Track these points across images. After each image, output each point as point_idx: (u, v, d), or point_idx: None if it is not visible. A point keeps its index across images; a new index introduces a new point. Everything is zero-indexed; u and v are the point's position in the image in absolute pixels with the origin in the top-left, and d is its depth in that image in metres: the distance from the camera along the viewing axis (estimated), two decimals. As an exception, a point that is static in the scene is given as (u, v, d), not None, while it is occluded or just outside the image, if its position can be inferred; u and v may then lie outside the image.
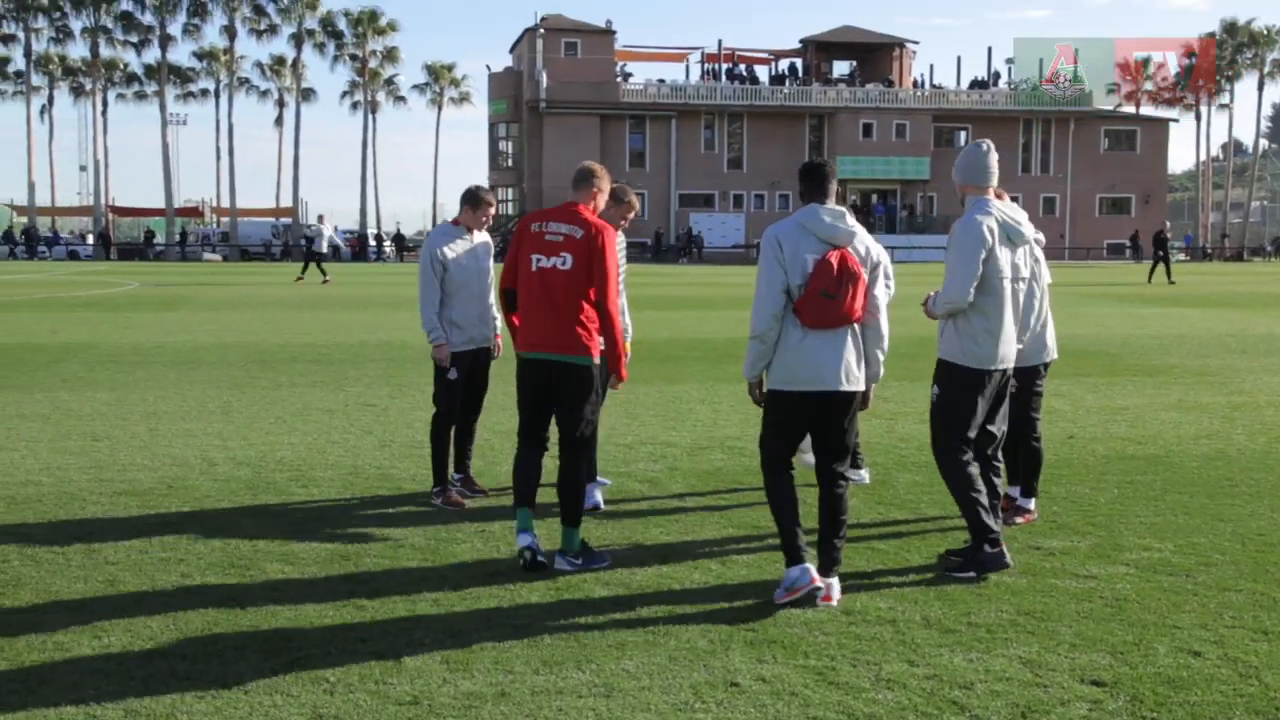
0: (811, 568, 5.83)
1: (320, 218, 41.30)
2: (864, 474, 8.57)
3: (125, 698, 4.65)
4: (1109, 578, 6.31)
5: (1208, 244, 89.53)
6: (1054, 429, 10.92)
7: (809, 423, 6.01)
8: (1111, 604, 5.87)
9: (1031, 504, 7.61)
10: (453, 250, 7.82)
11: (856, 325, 5.92)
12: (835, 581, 5.93)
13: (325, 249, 39.85)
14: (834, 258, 5.79)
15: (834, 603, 5.81)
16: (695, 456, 9.61)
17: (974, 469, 6.46)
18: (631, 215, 7.75)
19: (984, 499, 6.39)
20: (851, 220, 5.90)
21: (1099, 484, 8.65)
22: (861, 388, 6.00)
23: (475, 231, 7.95)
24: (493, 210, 8.01)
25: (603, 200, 6.71)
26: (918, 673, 4.95)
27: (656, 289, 35.52)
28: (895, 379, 13.96)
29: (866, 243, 5.99)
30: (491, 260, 8.12)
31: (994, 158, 6.50)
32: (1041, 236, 6.95)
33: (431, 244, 7.89)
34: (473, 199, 7.89)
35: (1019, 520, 7.49)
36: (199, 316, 24.46)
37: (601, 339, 6.49)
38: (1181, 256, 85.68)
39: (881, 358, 6.08)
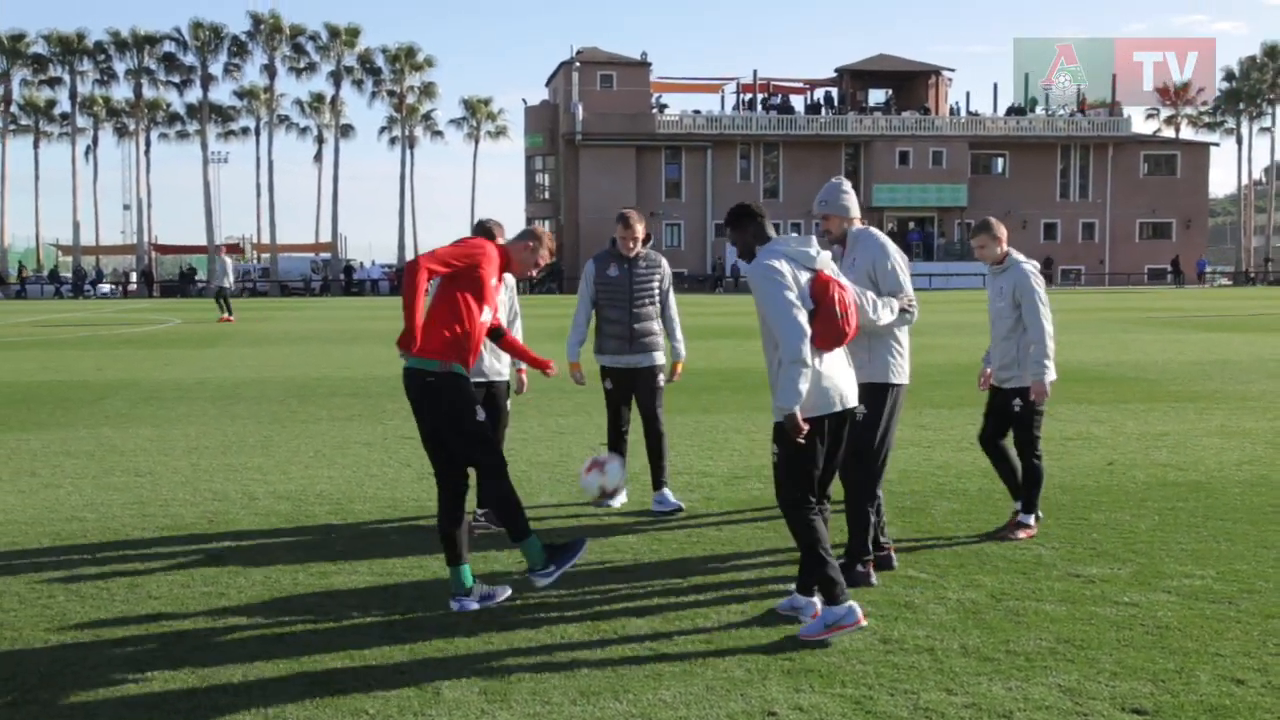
0: (857, 606, 5.78)
1: (222, 250, 40.04)
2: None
3: (167, 730, 4.71)
4: (1150, 605, 6.26)
5: (1251, 268, 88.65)
6: (1093, 455, 10.86)
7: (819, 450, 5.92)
8: (1153, 631, 5.82)
9: (1032, 520, 7.82)
10: None
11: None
12: (818, 600, 5.99)
13: (229, 284, 37.39)
14: (827, 278, 5.84)
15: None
16: (732, 486, 9.61)
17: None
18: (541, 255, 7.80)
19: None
20: (817, 245, 5.98)
21: (1140, 511, 8.58)
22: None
23: None
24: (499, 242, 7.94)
25: (534, 260, 6.53)
26: (956, 701, 4.93)
27: (693, 319, 35.54)
28: (932, 406, 13.91)
29: (831, 264, 6.06)
30: (510, 294, 8.19)
31: None
32: None
33: None
34: (480, 231, 7.87)
35: (1020, 535, 7.71)
36: (239, 352, 24.70)
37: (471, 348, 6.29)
38: (1224, 281, 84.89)
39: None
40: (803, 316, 5.68)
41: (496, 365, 8.09)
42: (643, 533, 8.05)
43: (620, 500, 8.75)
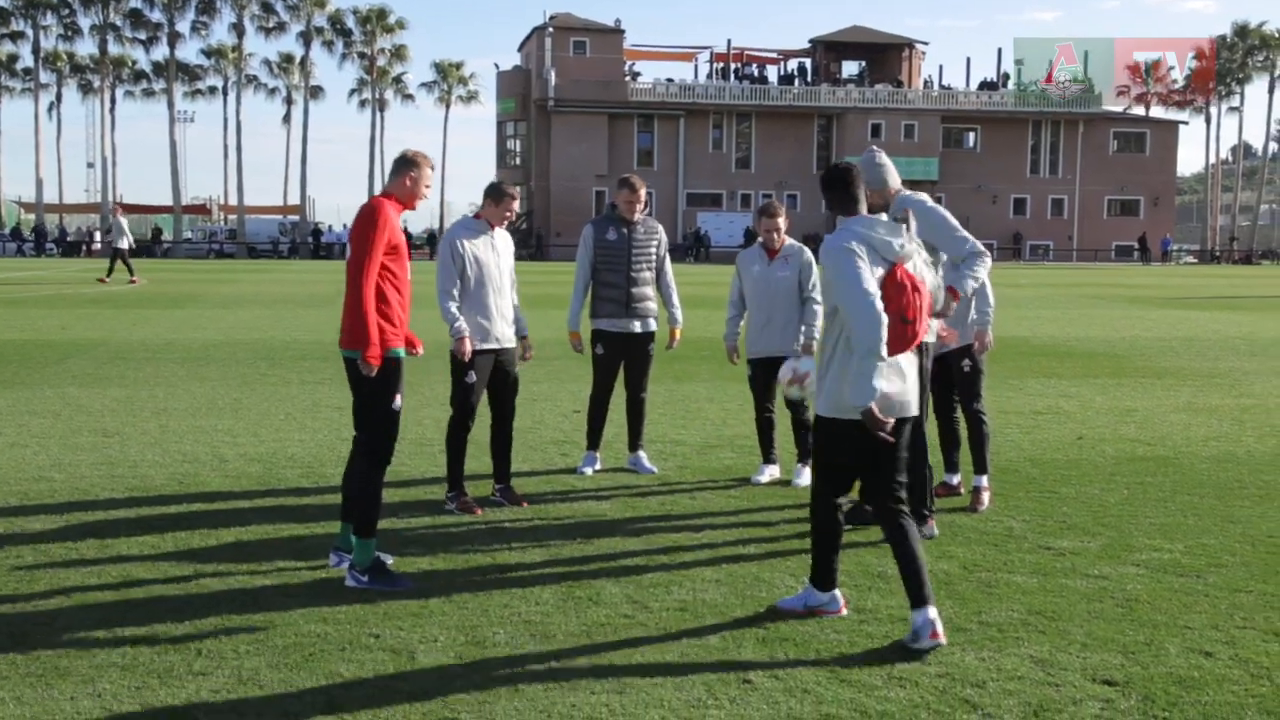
0: (840, 595, 5.70)
1: (116, 210, 38.47)
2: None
3: (142, 692, 4.68)
4: (1120, 578, 6.32)
5: (1216, 247, 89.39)
6: (1063, 429, 10.95)
7: (866, 453, 5.45)
8: (1122, 604, 5.88)
9: (985, 480, 7.96)
10: (472, 244, 7.66)
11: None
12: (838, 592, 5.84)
13: (127, 245, 36.22)
14: (905, 279, 5.32)
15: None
16: (705, 455, 9.63)
17: None
18: (511, 211, 7.76)
19: None
20: (906, 237, 5.47)
21: (1109, 485, 8.66)
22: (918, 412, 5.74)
23: (497, 227, 7.84)
24: (515, 204, 7.88)
25: (422, 186, 6.36)
26: (929, 671, 4.96)
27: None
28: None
29: (915, 258, 5.59)
30: (512, 258, 7.98)
31: None
32: None
33: (451, 235, 7.73)
34: (493, 192, 7.76)
35: (984, 500, 7.86)
36: (207, 314, 24.50)
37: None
38: (1190, 259, 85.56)
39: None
40: (879, 305, 5.16)
41: (508, 331, 7.83)
42: (617, 499, 8.05)
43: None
